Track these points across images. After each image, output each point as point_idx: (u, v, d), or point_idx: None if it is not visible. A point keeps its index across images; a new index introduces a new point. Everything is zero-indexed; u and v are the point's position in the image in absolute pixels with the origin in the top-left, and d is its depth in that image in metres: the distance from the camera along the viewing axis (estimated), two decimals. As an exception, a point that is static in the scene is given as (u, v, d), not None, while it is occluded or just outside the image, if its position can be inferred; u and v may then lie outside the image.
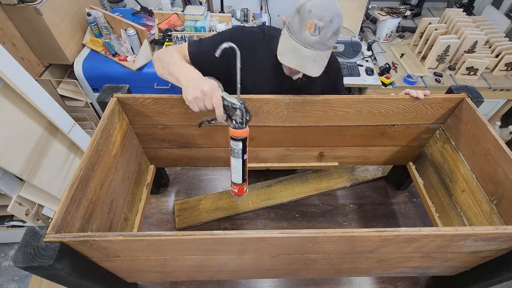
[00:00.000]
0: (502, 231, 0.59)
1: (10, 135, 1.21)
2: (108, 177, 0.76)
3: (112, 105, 0.80)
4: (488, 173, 0.80)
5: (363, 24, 2.27)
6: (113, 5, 2.32)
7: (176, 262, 0.70)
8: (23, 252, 0.54)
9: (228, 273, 0.83)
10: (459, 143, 0.91)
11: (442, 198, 0.97)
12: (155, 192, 1.20)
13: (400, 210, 1.18)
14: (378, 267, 0.79)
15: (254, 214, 1.15)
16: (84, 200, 0.66)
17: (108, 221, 0.77)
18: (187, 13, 1.90)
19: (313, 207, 1.18)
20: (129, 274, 0.80)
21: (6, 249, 1.87)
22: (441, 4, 2.52)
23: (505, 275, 0.71)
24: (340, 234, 0.58)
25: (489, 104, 2.05)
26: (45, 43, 1.80)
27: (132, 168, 0.94)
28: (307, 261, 0.71)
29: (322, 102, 0.87)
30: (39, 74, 1.92)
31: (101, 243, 0.57)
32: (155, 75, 1.90)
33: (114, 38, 1.87)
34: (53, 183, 1.45)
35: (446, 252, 0.68)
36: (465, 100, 0.88)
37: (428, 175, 1.04)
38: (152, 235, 0.56)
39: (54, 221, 0.57)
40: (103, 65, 1.90)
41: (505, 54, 1.82)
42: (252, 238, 0.58)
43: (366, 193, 1.23)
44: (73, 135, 1.52)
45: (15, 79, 1.18)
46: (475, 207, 0.84)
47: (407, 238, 0.60)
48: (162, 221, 1.12)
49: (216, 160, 1.07)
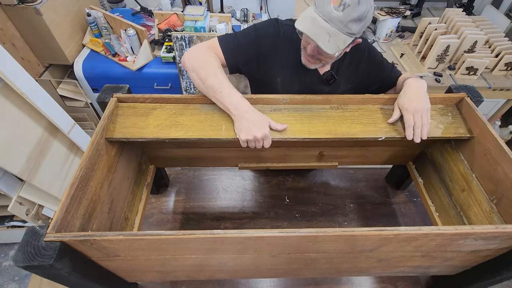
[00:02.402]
0: (502, 230, 0.59)
1: (10, 135, 1.21)
2: (108, 177, 0.76)
3: (112, 105, 0.80)
4: (488, 172, 0.80)
5: (363, 24, 2.27)
6: (113, 5, 2.32)
7: (176, 262, 0.70)
8: (23, 252, 0.54)
9: (228, 273, 0.83)
10: (459, 143, 0.91)
11: (442, 197, 0.97)
12: (155, 192, 1.20)
13: (400, 210, 1.18)
14: (378, 267, 0.79)
15: (254, 214, 1.15)
16: (84, 199, 0.66)
17: (108, 220, 0.77)
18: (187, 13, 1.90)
19: (313, 206, 1.18)
20: (129, 274, 0.80)
21: (6, 249, 1.87)
22: (441, 4, 2.52)
23: (505, 274, 0.71)
24: (340, 233, 0.58)
25: (489, 104, 2.05)
26: (45, 43, 1.80)
27: (132, 168, 0.94)
28: (307, 260, 0.71)
29: (322, 101, 0.87)
30: (39, 74, 1.92)
31: (101, 243, 0.57)
32: (155, 75, 1.91)
33: (114, 38, 1.88)
34: (53, 183, 1.45)
35: (446, 251, 0.68)
36: (464, 100, 0.88)
37: (428, 175, 1.04)
38: (152, 234, 0.56)
39: (55, 220, 0.57)
40: (103, 65, 1.91)
41: (505, 54, 1.82)
42: (252, 238, 0.58)
43: (366, 193, 1.23)
44: (73, 135, 1.52)
45: (15, 79, 1.18)
46: (475, 206, 0.84)
47: (407, 237, 0.60)
48: (162, 221, 1.12)
49: (216, 160, 1.07)
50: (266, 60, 0.90)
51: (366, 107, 0.88)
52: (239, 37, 0.88)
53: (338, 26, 0.72)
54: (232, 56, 0.87)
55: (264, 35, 0.88)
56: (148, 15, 2.17)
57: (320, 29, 0.73)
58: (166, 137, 0.78)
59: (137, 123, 0.80)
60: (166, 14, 2.01)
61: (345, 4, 0.70)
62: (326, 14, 0.72)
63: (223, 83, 0.77)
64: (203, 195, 1.21)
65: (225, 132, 0.79)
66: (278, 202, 1.19)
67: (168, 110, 0.83)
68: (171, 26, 1.96)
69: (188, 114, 0.83)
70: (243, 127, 0.75)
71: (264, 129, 0.75)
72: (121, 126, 0.79)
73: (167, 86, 1.94)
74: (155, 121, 0.81)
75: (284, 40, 0.89)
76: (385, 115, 0.86)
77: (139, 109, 0.83)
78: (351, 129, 0.82)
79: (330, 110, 0.87)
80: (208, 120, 0.82)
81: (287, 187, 1.24)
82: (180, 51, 1.71)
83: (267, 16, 2.41)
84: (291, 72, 0.93)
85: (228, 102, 0.76)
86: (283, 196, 1.21)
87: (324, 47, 0.74)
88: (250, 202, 1.19)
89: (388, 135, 0.82)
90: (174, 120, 0.81)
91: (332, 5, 0.71)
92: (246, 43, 0.88)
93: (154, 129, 0.79)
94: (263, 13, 2.45)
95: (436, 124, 0.85)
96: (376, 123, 0.84)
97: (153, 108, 0.83)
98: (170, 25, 1.97)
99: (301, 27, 0.75)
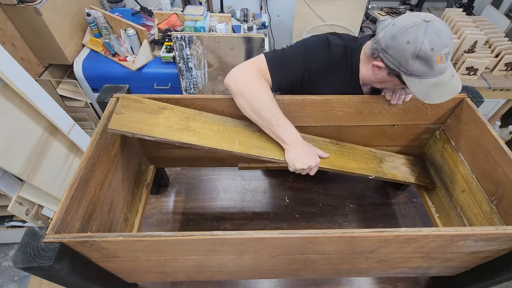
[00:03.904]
0: (502, 231, 0.59)
1: (10, 135, 1.21)
2: (108, 177, 0.76)
3: (112, 105, 0.80)
4: (488, 173, 0.80)
5: (363, 24, 2.27)
6: (113, 5, 2.32)
7: (176, 263, 0.70)
8: (22, 253, 0.54)
9: (228, 274, 0.83)
10: (459, 143, 0.91)
11: (442, 198, 0.97)
12: (155, 192, 1.20)
13: (400, 211, 1.18)
14: (378, 268, 0.79)
15: (253, 214, 1.15)
16: (84, 200, 0.66)
17: (108, 221, 0.77)
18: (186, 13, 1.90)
19: (313, 207, 1.18)
20: (129, 275, 0.80)
21: (6, 249, 1.87)
22: (440, 4, 2.52)
23: (505, 275, 0.71)
24: (340, 235, 0.58)
25: (489, 104, 2.05)
26: (44, 43, 1.79)
27: (132, 168, 0.94)
28: (307, 261, 0.71)
29: (322, 102, 0.87)
30: (38, 74, 1.92)
31: (101, 244, 0.57)
32: (155, 75, 1.91)
33: (113, 38, 1.87)
34: (53, 183, 1.44)
35: (446, 252, 0.68)
36: (465, 100, 0.88)
37: (428, 175, 1.04)
38: (152, 235, 0.56)
39: (54, 221, 0.57)
40: (103, 65, 1.90)
41: (505, 54, 1.82)
42: (252, 239, 0.58)
43: (366, 193, 1.23)
44: (73, 135, 1.52)
45: (15, 79, 1.17)
46: (475, 207, 0.84)
47: (407, 239, 0.60)
48: (162, 221, 1.12)
49: (216, 160, 1.07)
50: (312, 80, 0.87)
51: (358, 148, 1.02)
52: (287, 57, 0.83)
53: (450, 67, 0.73)
54: (279, 79, 0.83)
55: (314, 57, 0.84)
56: (148, 15, 2.17)
57: (449, 83, 0.73)
58: (178, 140, 0.75)
59: (146, 119, 0.75)
60: (166, 14, 2.00)
61: (447, 53, 0.69)
62: (440, 72, 0.71)
63: (277, 115, 0.79)
64: (203, 195, 1.20)
65: (239, 146, 0.80)
66: (278, 202, 1.19)
67: (179, 113, 0.81)
68: (171, 26, 1.96)
69: (200, 121, 0.82)
70: (298, 158, 0.81)
71: (316, 159, 0.83)
72: (127, 119, 0.73)
73: (167, 86, 1.94)
74: (165, 122, 0.77)
75: (336, 62, 0.86)
76: (373, 157, 1.03)
77: (147, 106, 0.79)
78: (348, 164, 0.95)
79: (330, 144, 0.98)
80: (220, 132, 0.82)
81: (287, 188, 1.24)
82: (180, 51, 1.71)
83: (267, 16, 2.41)
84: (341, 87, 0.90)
85: (284, 135, 0.80)
86: (283, 197, 1.21)
87: (459, 88, 0.74)
88: (250, 203, 1.19)
89: (377, 175, 0.97)
90: (185, 124, 0.79)
91: (440, 64, 0.69)
92: (295, 65, 0.84)
93: (165, 130, 0.76)
94: (263, 13, 2.45)
95: (410, 172, 1.04)
96: (367, 163, 0.99)
97: (163, 108, 0.80)
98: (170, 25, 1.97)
99: (436, 100, 0.73)
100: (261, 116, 0.78)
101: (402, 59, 0.70)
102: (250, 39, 1.63)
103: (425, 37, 0.67)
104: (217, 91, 1.89)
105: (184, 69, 1.80)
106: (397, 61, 0.72)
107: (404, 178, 1.01)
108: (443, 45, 0.67)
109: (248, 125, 0.87)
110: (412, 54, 0.68)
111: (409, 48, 0.68)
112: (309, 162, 0.81)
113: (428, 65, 0.69)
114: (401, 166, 1.05)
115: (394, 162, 1.05)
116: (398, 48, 0.70)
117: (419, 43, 0.67)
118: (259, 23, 2.14)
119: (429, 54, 0.67)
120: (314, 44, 0.86)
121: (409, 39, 0.68)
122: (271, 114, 0.78)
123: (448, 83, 0.73)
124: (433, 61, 0.68)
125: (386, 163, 1.03)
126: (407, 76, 0.72)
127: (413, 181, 1.02)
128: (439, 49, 0.67)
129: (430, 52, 0.67)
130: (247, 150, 0.81)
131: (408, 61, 0.70)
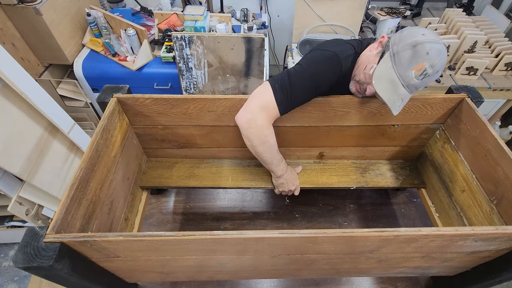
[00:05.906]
0: (502, 231, 0.59)
1: (10, 135, 1.21)
2: (108, 177, 0.76)
3: (112, 105, 0.80)
4: (488, 173, 0.80)
5: (363, 24, 2.27)
6: (113, 5, 2.32)
7: (176, 263, 0.70)
8: (23, 253, 0.54)
9: (228, 273, 0.83)
10: (459, 143, 0.91)
11: (442, 198, 0.97)
12: (155, 192, 1.20)
13: (400, 211, 1.18)
14: (378, 267, 0.79)
15: (254, 214, 1.15)
16: (84, 200, 0.66)
17: (108, 221, 0.77)
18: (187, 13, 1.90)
19: (313, 207, 1.18)
20: (129, 275, 0.80)
21: (6, 249, 1.87)
22: (441, 4, 2.52)
23: (504, 275, 0.71)
24: (340, 234, 0.58)
25: (489, 104, 2.05)
26: (44, 43, 1.79)
27: (132, 168, 0.94)
28: (307, 261, 0.71)
29: (322, 102, 0.87)
30: (39, 74, 1.92)
31: (101, 244, 0.57)
32: (155, 75, 1.91)
33: (114, 38, 1.87)
34: (53, 183, 1.44)
35: (446, 252, 0.68)
36: (465, 100, 0.88)
37: (428, 175, 1.04)
38: (152, 235, 0.56)
39: (54, 221, 0.57)
40: (103, 65, 1.90)
41: (505, 54, 1.82)
42: (252, 238, 0.58)
43: (366, 193, 1.23)
44: (73, 135, 1.52)
45: (15, 79, 1.17)
46: (475, 207, 0.84)
47: (407, 238, 0.60)
48: (162, 222, 1.12)
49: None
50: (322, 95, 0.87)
51: (341, 162, 1.11)
52: (294, 89, 0.79)
53: (412, 90, 0.75)
54: (288, 110, 0.83)
55: (325, 79, 0.82)
56: (148, 15, 2.17)
57: (397, 96, 0.75)
58: (186, 186, 1.03)
59: (163, 174, 1.05)
60: (166, 14, 2.00)
61: (426, 74, 0.72)
62: (406, 79, 0.73)
63: (275, 160, 0.91)
64: (203, 195, 1.20)
65: (231, 182, 1.04)
66: (278, 202, 1.19)
67: (187, 164, 1.08)
68: (171, 26, 1.96)
69: (202, 167, 1.08)
70: (282, 185, 0.99)
71: (295, 183, 1.00)
72: (152, 176, 1.04)
73: (167, 86, 1.94)
74: (177, 173, 1.06)
75: (345, 74, 0.85)
76: (357, 168, 1.10)
77: (164, 163, 1.08)
78: (329, 180, 1.06)
79: (313, 164, 1.10)
80: (218, 172, 1.06)
81: (287, 188, 1.24)
82: (180, 50, 1.71)
83: (267, 16, 2.41)
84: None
85: (275, 170, 0.94)
86: (283, 197, 1.21)
87: (395, 112, 0.77)
88: (250, 203, 1.19)
89: (358, 185, 1.04)
90: (191, 172, 1.06)
91: (414, 73, 0.72)
92: (304, 95, 0.82)
93: (177, 179, 1.04)
94: (263, 13, 2.45)
95: (397, 176, 1.08)
96: (349, 175, 1.07)
97: (175, 162, 1.09)
98: (170, 25, 1.97)
99: (381, 93, 0.76)
100: (262, 159, 0.89)
101: (404, 40, 0.74)
102: (250, 39, 1.63)
103: (432, 45, 0.71)
104: (217, 91, 1.89)
105: (184, 69, 1.80)
106: (399, 39, 0.75)
107: (388, 183, 1.06)
108: (433, 62, 0.71)
109: (241, 162, 1.10)
110: (414, 42, 0.72)
111: (417, 36, 0.72)
112: (289, 187, 0.99)
113: (410, 62, 0.72)
114: (387, 172, 1.09)
115: (379, 170, 1.10)
116: (413, 33, 0.74)
117: (425, 42, 0.71)
118: (259, 23, 2.14)
119: (421, 53, 0.71)
120: (326, 67, 0.82)
121: (424, 32, 0.73)
122: (270, 157, 0.90)
123: (397, 92, 0.75)
124: (416, 63, 0.72)
125: (370, 172, 1.09)
126: (388, 56, 0.76)
127: (398, 185, 1.06)
128: (429, 61, 0.71)
129: (423, 53, 0.71)
130: (237, 184, 1.04)
131: (406, 44, 0.73)
